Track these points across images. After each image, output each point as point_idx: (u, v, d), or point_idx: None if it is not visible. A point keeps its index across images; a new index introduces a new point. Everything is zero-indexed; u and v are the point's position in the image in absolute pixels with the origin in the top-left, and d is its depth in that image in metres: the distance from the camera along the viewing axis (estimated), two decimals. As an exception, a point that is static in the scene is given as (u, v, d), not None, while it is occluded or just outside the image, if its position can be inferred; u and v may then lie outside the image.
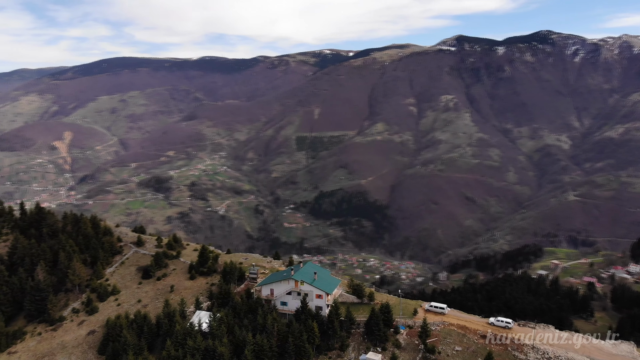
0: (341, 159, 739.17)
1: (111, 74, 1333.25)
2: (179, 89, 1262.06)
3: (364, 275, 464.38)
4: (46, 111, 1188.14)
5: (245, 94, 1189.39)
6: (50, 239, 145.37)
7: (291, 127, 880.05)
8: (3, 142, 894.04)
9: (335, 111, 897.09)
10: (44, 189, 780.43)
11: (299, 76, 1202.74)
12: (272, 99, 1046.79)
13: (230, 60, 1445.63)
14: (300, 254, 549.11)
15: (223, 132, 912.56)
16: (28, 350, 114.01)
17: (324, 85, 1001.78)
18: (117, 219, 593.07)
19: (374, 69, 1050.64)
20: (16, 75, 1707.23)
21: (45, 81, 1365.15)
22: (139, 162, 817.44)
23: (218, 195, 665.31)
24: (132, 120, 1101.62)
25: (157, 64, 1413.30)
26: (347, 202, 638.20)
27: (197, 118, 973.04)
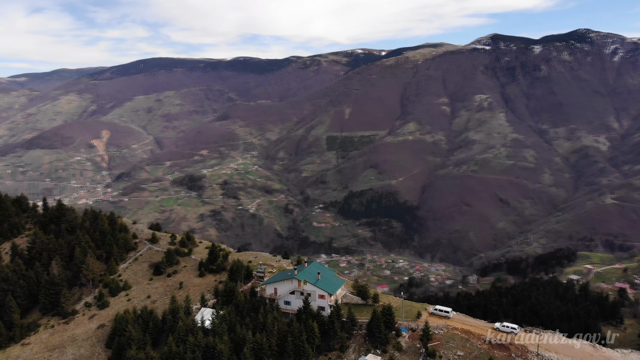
0: (371, 158, 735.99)
1: (148, 74, 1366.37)
2: (213, 89, 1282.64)
3: (393, 276, 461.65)
4: (85, 110, 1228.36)
5: (277, 94, 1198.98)
6: (68, 235, 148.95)
7: (322, 126, 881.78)
8: (43, 140, 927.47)
9: (366, 111, 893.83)
10: (81, 186, 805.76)
11: (331, 76, 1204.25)
12: (304, 98, 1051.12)
13: (263, 60, 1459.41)
14: (328, 253, 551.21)
15: (255, 132, 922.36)
16: (40, 342, 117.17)
17: (356, 85, 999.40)
18: (151, 216, 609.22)
19: (407, 68, 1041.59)
20: (56, 75, 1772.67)
21: (84, 81, 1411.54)
22: (174, 160, 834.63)
23: (249, 194, 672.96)
24: (167, 119, 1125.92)
25: (192, 65, 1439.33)
26: (377, 202, 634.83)
27: (230, 118, 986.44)
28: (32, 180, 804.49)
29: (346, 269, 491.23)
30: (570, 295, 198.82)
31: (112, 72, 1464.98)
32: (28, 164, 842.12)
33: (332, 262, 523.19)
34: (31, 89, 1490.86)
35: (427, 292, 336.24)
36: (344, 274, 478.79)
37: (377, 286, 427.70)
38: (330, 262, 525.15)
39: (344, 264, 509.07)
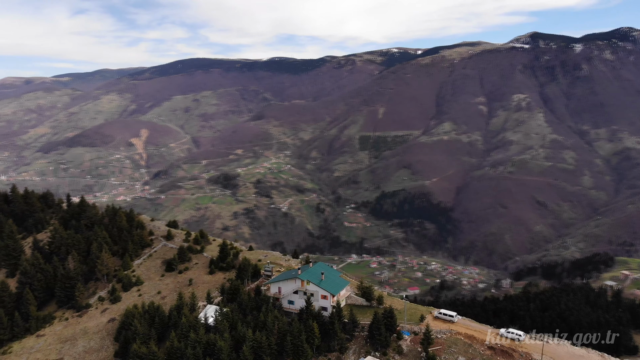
0: (405, 159, 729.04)
1: (185, 75, 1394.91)
2: (248, 89, 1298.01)
3: (424, 278, 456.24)
4: (125, 109, 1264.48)
5: (311, 94, 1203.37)
6: (86, 231, 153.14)
7: (355, 126, 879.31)
8: (84, 138, 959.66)
9: (400, 110, 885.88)
10: (120, 183, 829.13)
11: (365, 75, 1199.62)
12: (337, 98, 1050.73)
13: (298, 60, 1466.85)
14: (359, 253, 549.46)
15: (288, 132, 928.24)
16: (54, 334, 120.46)
17: (390, 84, 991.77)
18: (187, 214, 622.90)
19: (443, 67, 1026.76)
20: (98, 75, 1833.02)
21: (125, 81, 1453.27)
22: (209, 159, 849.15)
23: (282, 193, 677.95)
24: (204, 119, 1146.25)
25: (229, 65, 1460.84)
26: (410, 203, 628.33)
27: (264, 118, 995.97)
28: (74, 177, 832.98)
29: (377, 269, 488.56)
30: (602, 302, 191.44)
31: (152, 73, 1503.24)
32: (70, 162, 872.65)
33: (363, 263, 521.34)
34: (74, 88, 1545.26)
35: (458, 295, 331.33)
36: (375, 275, 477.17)
37: (408, 288, 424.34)
38: (360, 263, 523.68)
39: (374, 265, 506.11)
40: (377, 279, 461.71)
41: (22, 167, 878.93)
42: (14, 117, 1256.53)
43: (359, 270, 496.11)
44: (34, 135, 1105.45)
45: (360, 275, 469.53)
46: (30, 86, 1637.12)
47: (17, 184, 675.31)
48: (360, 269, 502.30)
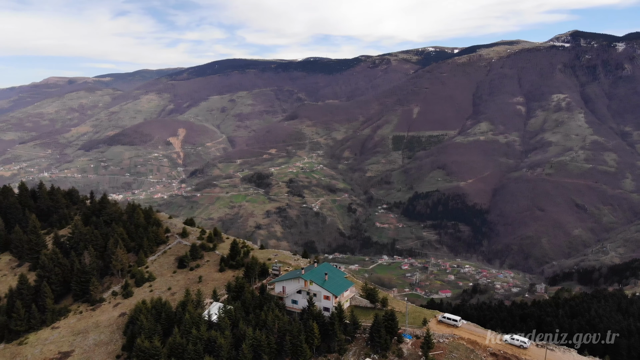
0: (439, 159, 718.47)
1: (222, 75, 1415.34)
2: (283, 89, 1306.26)
3: (457, 281, 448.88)
4: (163, 109, 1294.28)
5: (345, 94, 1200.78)
6: (105, 227, 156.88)
7: (388, 126, 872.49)
8: (124, 136, 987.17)
9: (435, 110, 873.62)
10: (158, 181, 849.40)
11: (400, 75, 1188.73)
12: (371, 98, 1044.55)
13: (333, 60, 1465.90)
14: (390, 255, 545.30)
15: (321, 131, 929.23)
16: (68, 326, 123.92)
17: (425, 84, 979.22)
18: (221, 212, 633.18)
19: (480, 66, 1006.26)
20: (138, 76, 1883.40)
21: (164, 81, 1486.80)
22: (244, 158, 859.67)
23: (313, 193, 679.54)
24: (239, 119, 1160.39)
25: (264, 66, 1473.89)
26: (444, 204, 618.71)
27: (298, 117, 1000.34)
28: (113, 174, 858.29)
29: (408, 271, 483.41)
30: (634, 310, 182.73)
31: (189, 73, 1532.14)
32: (110, 159, 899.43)
33: (394, 264, 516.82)
34: (115, 88, 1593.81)
35: (491, 299, 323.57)
36: (406, 276, 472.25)
37: (440, 291, 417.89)
38: (392, 264, 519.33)
39: (406, 267, 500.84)
40: (408, 280, 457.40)
41: (64, 164, 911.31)
42: (57, 116, 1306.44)
43: (390, 272, 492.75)
44: (76, 133, 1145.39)
45: (391, 277, 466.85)
46: (73, 86, 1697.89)
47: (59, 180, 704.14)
48: (391, 270, 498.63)
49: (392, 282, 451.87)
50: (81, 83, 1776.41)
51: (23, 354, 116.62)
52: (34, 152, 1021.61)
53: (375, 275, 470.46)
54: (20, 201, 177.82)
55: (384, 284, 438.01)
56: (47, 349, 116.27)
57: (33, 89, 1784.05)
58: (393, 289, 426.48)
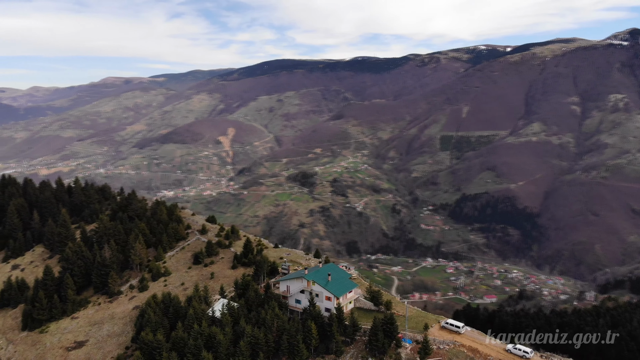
0: (489, 160, 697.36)
1: (271, 76, 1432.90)
2: (330, 89, 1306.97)
3: (504, 287, 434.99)
4: (214, 109, 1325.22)
5: (392, 93, 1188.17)
6: (130, 222, 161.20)
7: (436, 125, 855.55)
8: (176, 135, 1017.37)
9: (485, 109, 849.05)
10: (208, 179, 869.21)
11: (449, 73, 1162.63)
12: (419, 97, 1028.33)
13: (381, 59, 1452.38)
14: (435, 257, 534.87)
15: (367, 131, 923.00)
16: (86, 317, 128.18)
17: (476, 82, 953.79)
18: (267, 209, 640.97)
19: (533, 64, 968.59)
20: (190, 76, 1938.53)
21: (215, 82, 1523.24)
22: (290, 157, 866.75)
23: (357, 192, 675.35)
24: (286, 118, 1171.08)
25: (312, 66, 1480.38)
26: (492, 207, 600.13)
27: (343, 117, 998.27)
28: (165, 171, 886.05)
29: (453, 275, 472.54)
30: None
31: (240, 74, 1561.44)
32: (162, 157, 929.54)
33: (439, 267, 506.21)
34: (168, 88, 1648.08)
35: (537, 306, 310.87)
36: (450, 280, 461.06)
37: (485, 296, 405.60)
38: (436, 267, 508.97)
39: (451, 270, 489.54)
40: (452, 284, 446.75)
41: (119, 161, 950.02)
42: (113, 114, 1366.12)
43: (434, 275, 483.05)
44: (131, 131, 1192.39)
45: (434, 280, 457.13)
46: (129, 86, 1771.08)
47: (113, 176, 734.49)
48: (435, 273, 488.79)
49: (436, 285, 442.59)
50: (136, 83, 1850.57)
51: (43, 342, 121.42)
52: (91, 149, 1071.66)
53: (418, 278, 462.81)
54: (56, 196, 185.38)
55: (427, 288, 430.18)
56: (64, 338, 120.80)
57: (91, 88, 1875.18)
58: (436, 293, 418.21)
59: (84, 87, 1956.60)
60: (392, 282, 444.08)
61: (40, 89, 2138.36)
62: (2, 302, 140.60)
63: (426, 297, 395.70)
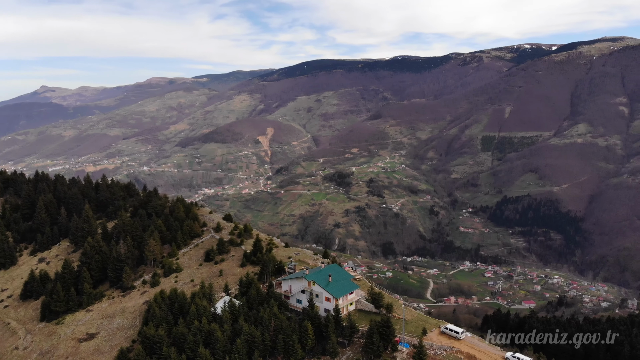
0: (531, 162, 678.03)
1: (310, 76, 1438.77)
2: (369, 88, 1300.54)
3: (544, 292, 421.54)
4: (254, 109, 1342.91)
5: (432, 92, 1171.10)
6: (148, 219, 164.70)
7: (477, 126, 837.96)
8: (217, 134, 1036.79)
9: (529, 109, 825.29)
10: (246, 177, 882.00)
11: (492, 72, 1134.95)
12: (460, 96, 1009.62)
13: (421, 58, 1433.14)
14: (473, 261, 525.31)
15: (405, 131, 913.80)
16: (100, 310, 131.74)
17: (519, 82, 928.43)
18: (302, 209, 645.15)
19: (579, 64, 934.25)
20: (232, 77, 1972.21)
21: (255, 82, 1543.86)
22: (326, 157, 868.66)
23: (394, 193, 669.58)
24: (324, 118, 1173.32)
25: (351, 65, 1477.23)
26: (534, 210, 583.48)
27: (381, 117, 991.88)
28: (206, 170, 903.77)
29: (491, 279, 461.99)
30: None
31: (279, 74, 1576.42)
32: (203, 156, 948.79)
33: (477, 271, 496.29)
34: (210, 88, 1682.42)
35: (577, 313, 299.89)
36: (488, 284, 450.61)
37: (523, 301, 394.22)
38: (474, 271, 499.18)
39: (489, 274, 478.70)
40: (489, 289, 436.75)
41: (162, 159, 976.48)
42: (157, 114, 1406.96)
43: (471, 279, 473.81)
44: (174, 130, 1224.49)
45: (471, 284, 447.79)
46: (172, 86, 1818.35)
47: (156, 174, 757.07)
48: (472, 277, 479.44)
49: (472, 289, 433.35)
50: (180, 83, 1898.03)
51: (58, 333, 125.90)
52: (135, 147, 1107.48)
53: (454, 282, 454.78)
54: (82, 192, 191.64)
55: (463, 291, 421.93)
56: (77, 330, 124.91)
57: (137, 88, 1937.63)
58: (472, 297, 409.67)
59: (130, 87, 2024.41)
60: (427, 285, 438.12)
61: (88, 89, 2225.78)
62: (25, 294, 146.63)
63: (462, 301, 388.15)
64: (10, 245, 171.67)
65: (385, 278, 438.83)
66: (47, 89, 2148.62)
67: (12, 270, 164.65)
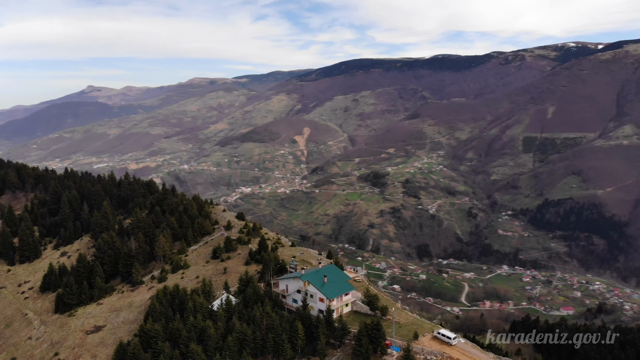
0: (575, 164, 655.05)
1: (347, 75, 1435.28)
2: (407, 88, 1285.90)
3: (583, 299, 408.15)
4: (291, 109, 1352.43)
5: (472, 92, 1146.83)
6: (162, 216, 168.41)
7: (519, 126, 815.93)
8: (255, 134, 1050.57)
9: (573, 110, 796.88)
10: (283, 177, 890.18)
11: (535, 72, 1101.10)
12: (501, 96, 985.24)
13: (462, 57, 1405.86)
14: (512, 265, 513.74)
15: (444, 131, 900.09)
16: (109, 303, 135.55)
17: (563, 81, 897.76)
18: (337, 208, 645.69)
19: (626, 63, 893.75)
20: (271, 77, 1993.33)
21: (293, 82, 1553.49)
22: (362, 157, 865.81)
23: (430, 194, 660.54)
24: (361, 118, 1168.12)
25: (389, 65, 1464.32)
26: (577, 214, 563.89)
27: (419, 116, 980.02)
28: (244, 169, 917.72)
29: (529, 284, 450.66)
30: None
31: (317, 74, 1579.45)
32: (241, 155, 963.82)
33: (514, 276, 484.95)
34: (249, 89, 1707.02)
35: (616, 321, 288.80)
36: (525, 289, 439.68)
37: (561, 307, 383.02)
38: (512, 275, 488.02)
39: (527, 279, 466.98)
40: (527, 294, 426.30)
41: (202, 158, 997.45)
42: (198, 113, 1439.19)
43: (509, 283, 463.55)
44: (214, 130, 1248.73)
45: (507, 289, 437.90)
46: (213, 86, 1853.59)
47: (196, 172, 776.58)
48: (510, 281, 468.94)
49: (509, 294, 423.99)
50: (221, 84, 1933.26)
51: (69, 325, 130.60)
52: (176, 146, 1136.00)
53: (490, 286, 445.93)
54: (104, 189, 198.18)
55: (499, 296, 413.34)
56: (87, 322, 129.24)
57: (179, 88, 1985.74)
58: (508, 302, 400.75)
59: (172, 87, 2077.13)
60: (462, 289, 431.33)
61: (133, 89, 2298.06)
62: (44, 286, 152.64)
63: (497, 306, 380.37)
64: (36, 240, 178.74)
65: (418, 280, 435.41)
66: (93, 88, 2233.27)
67: (36, 263, 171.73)
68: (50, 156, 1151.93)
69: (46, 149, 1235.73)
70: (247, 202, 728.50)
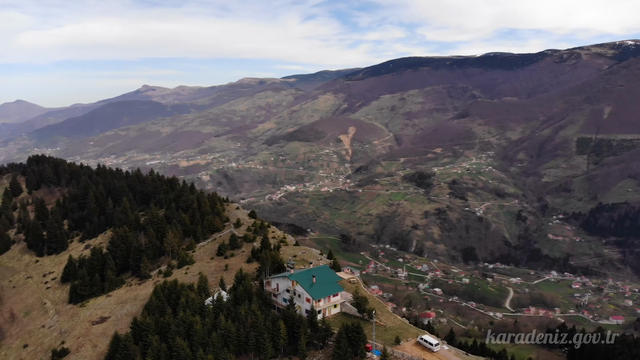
0: (632, 167, 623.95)
1: (395, 74, 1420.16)
2: (456, 86, 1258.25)
3: (635, 308, 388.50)
4: (338, 108, 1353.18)
5: (525, 91, 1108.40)
6: (176, 212, 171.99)
7: (573, 127, 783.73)
8: (301, 133, 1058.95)
9: (631, 110, 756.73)
10: (327, 176, 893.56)
11: (591, 70, 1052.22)
12: (555, 95, 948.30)
13: (514, 55, 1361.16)
14: (561, 271, 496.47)
15: (494, 131, 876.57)
16: (117, 296, 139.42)
17: (620, 81, 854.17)
18: (380, 208, 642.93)
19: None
20: (319, 77, 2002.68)
21: (340, 82, 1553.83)
22: (408, 157, 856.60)
23: (478, 196, 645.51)
24: (408, 117, 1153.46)
25: (438, 63, 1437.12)
26: (632, 219, 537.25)
27: (469, 116, 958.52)
28: (289, 167, 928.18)
29: (578, 291, 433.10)
30: None
31: (364, 73, 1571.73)
32: (287, 154, 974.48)
33: (563, 282, 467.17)
34: (297, 88, 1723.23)
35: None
36: (574, 297, 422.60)
37: (611, 316, 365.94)
38: (560, 282, 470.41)
39: (577, 286, 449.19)
40: (575, 301, 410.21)
41: (249, 156, 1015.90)
42: (247, 113, 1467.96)
43: (557, 290, 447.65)
44: (262, 129, 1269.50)
45: (555, 295, 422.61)
46: (262, 86, 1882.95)
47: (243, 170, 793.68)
48: (558, 288, 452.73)
49: (556, 301, 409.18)
50: (269, 84, 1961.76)
51: (79, 315, 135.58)
52: (226, 145, 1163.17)
53: (537, 292, 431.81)
54: (129, 185, 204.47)
55: (545, 302, 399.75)
56: (94, 313, 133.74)
57: (229, 88, 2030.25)
58: (554, 309, 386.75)
59: (223, 87, 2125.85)
60: (506, 294, 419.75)
61: (185, 88, 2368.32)
62: (64, 277, 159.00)
63: (542, 313, 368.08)
64: (63, 232, 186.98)
65: (461, 284, 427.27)
66: (148, 88, 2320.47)
67: (62, 255, 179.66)
68: (106, 153, 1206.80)
69: (102, 145, 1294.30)
70: (291, 200, 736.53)
